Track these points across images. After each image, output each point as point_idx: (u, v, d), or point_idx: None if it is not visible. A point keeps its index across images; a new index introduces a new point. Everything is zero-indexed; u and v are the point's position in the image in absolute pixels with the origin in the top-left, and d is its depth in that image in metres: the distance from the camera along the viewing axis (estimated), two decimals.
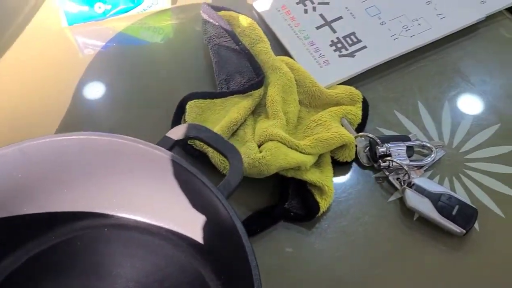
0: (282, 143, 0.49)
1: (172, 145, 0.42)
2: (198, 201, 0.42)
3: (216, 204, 0.39)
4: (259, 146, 0.50)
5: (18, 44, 0.59)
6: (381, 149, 0.51)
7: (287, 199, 0.50)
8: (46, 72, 0.58)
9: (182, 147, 0.52)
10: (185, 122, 0.53)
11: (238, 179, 0.40)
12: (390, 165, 0.51)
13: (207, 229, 0.43)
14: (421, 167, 0.52)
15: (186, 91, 0.55)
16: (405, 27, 0.60)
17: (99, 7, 0.59)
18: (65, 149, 0.42)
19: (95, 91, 0.57)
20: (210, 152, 0.51)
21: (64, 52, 0.60)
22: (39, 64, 0.58)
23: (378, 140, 0.52)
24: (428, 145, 0.53)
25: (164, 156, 0.40)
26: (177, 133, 0.42)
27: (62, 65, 0.59)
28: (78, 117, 0.55)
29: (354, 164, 0.53)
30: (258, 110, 0.55)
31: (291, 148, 0.49)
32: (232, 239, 0.38)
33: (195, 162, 0.52)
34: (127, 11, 0.61)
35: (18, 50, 0.59)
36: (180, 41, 0.61)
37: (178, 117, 0.54)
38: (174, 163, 0.41)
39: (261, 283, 0.36)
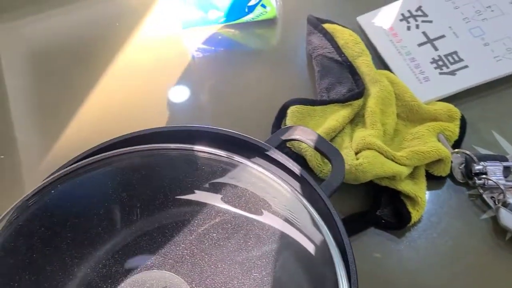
0: (379, 152, 0.51)
1: (280, 144, 0.45)
2: None
3: (319, 203, 0.41)
4: (356, 154, 0.52)
5: (138, 44, 0.65)
6: (477, 167, 0.52)
7: (379, 207, 0.52)
8: (161, 70, 0.63)
9: (280, 149, 0.55)
10: (285, 125, 0.56)
11: (340, 180, 0.42)
12: (486, 183, 0.52)
13: None
14: None
15: (287, 97, 0.58)
16: (509, 49, 0.60)
17: (213, 14, 0.64)
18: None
19: (203, 90, 0.61)
20: (308, 155, 0.53)
21: (177, 53, 0.65)
22: (156, 63, 0.63)
23: (474, 158, 0.52)
24: None
25: (272, 153, 0.44)
26: (284, 133, 0.45)
27: (175, 64, 0.64)
28: (185, 112, 0.60)
29: (448, 180, 0.54)
30: (356, 120, 0.57)
31: (388, 158, 0.51)
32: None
33: None
34: (237, 19, 0.65)
35: (138, 50, 0.65)
36: (285, 49, 0.64)
37: (279, 121, 0.57)
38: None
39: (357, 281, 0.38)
